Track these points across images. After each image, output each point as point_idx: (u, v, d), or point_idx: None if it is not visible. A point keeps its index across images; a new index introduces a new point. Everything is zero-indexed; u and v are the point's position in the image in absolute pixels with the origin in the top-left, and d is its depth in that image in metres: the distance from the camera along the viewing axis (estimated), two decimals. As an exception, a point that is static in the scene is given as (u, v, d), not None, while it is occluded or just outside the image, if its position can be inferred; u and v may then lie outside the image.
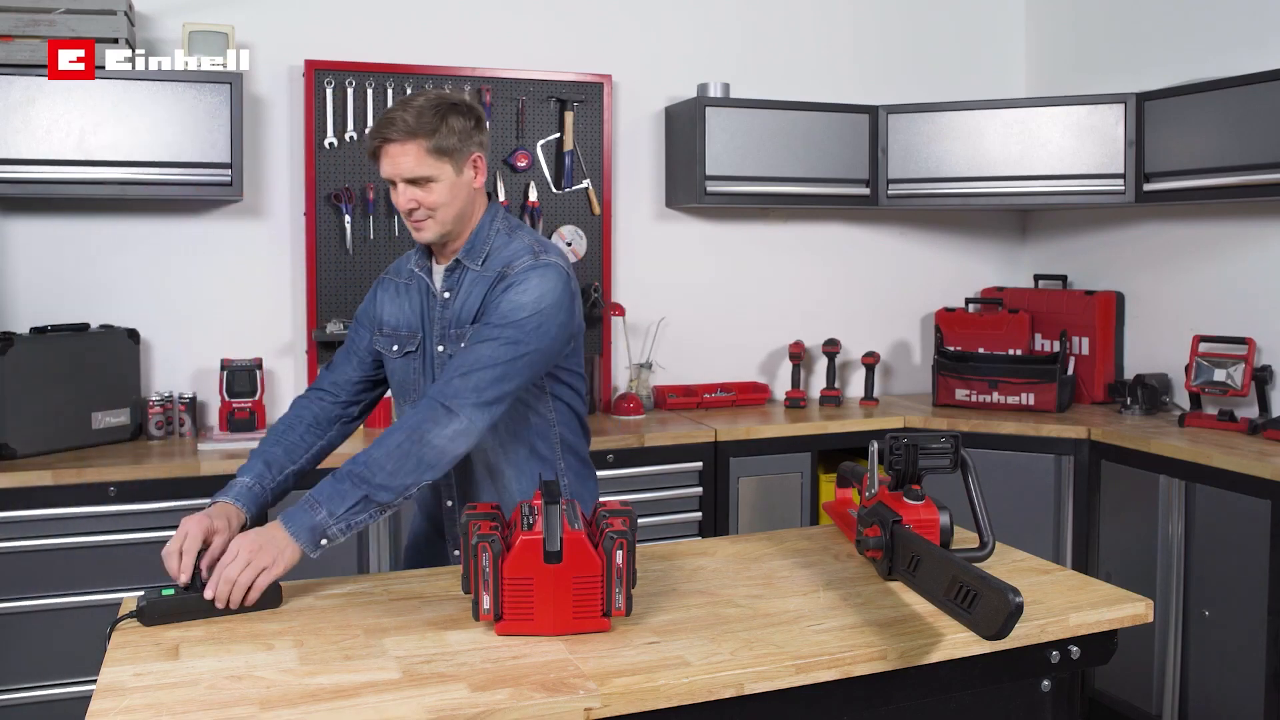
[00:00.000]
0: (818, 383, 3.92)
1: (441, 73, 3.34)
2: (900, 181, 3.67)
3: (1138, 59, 3.66)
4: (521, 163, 3.43)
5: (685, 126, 3.56)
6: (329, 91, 3.24)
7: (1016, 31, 4.17)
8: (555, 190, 3.50)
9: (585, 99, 3.50)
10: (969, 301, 3.93)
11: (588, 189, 3.53)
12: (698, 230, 3.81)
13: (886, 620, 1.55)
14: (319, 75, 3.23)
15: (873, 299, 4.04)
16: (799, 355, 3.78)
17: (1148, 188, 3.37)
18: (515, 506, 1.63)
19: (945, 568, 1.50)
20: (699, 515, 3.26)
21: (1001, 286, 4.08)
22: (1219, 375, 3.21)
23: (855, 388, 3.95)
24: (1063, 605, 1.62)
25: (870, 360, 3.80)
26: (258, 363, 3.17)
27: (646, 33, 3.70)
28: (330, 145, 3.25)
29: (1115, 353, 3.74)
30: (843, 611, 1.59)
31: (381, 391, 2.03)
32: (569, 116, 3.47)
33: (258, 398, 3.14)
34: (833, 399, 3.77)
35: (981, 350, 3.71)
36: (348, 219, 3.27)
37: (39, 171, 2.83)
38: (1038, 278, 4.03)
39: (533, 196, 3.45)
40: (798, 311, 3.94)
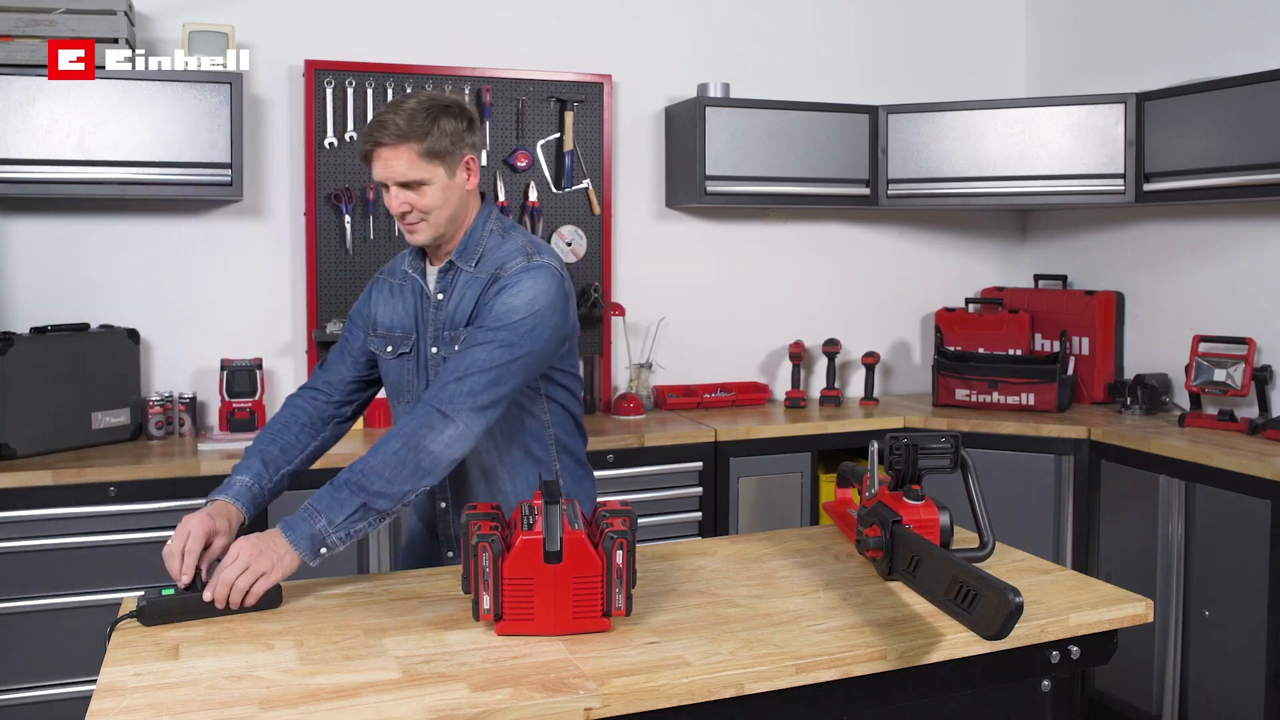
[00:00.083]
0: (818, 383, 3.92)
1: (441, 73, 3.34)
2: (900, 181, 3.67)
3: (1138, 59, 3.66)
4: (521, 163, 3.43)
5: (685, 126, 3.56)
6: (329, 91, 3.24)
7: (1016, 31, 4.17)
8: (555, 190, 3.50)
9: (585, 99, 3.50)
10: (969, 301, 3.93)
11: (588, 189, 3.53)
12: (698, 230, 3.81)
13: (886, 620, 1.55)
14: (319, 75, 3.23)
15: (873, 299, 4.04)
16: (799, 355, 3.78)
17: (1148, 188, 3.37)
18: (513, 507, 1.62)
19: (945, 568, 1.50)
20: (699, 515, 3.26)
21: (1001, 286, 4.08)
22: (1219, 375, 3.21)
23: (855, 388, 3.95)
24: (1063, 605, 1.62)
25: (870, 360, 3.80)
26: (258, 363, 3.18)
27: (646, 33, 3.70)
28: (330, 145, 3.25)
29: (1115, 353, 3.74)
30: (843, 611, 1.59)
31: (374, 391, 2.02)
32: (569, 116, 3.47)
33: (258, 398, 3.14)
34: (833, 399, 3.77)
35: (981, 350, 3.71)
36: (348, 219, 3.27)
37: (39, 171, 2.83)
38: (1038, 278, 4.03)
39: (533, 196, 3.45)
40: (798, 311, 3.94)
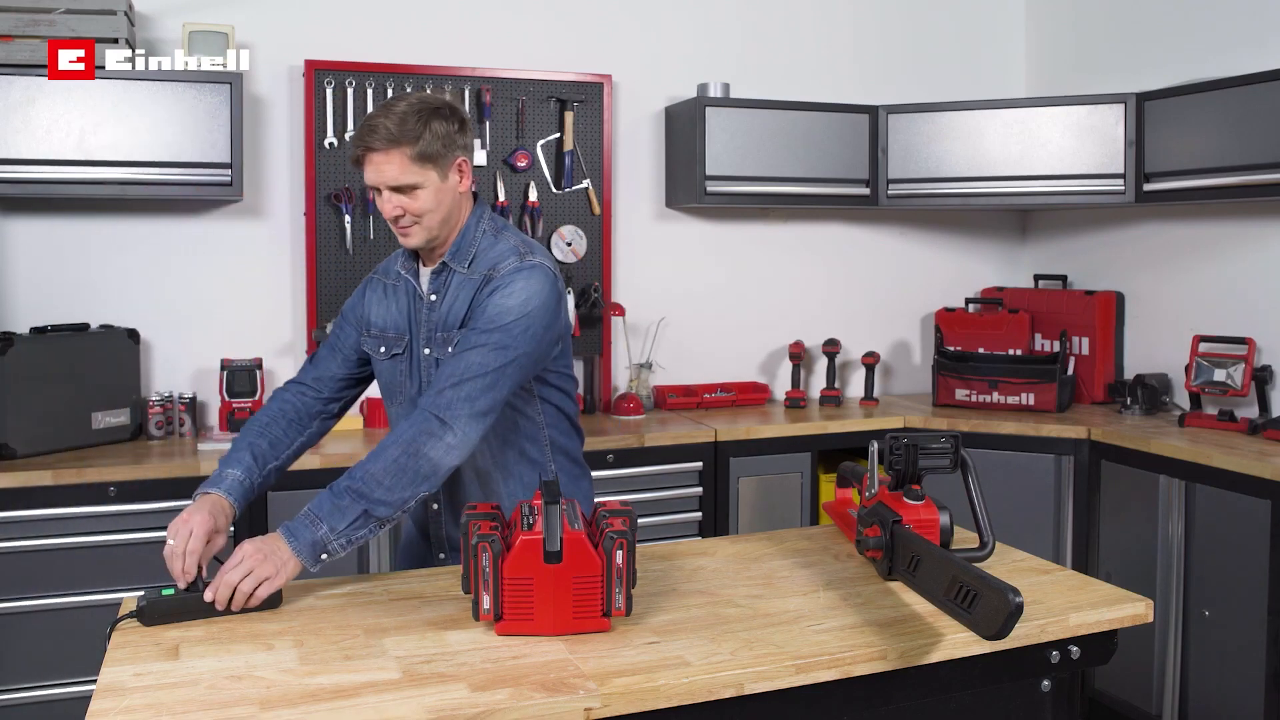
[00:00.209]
0: (818, 383, 3.92)
1: (441, 73, 3.34)
2: (900, 181, 3.67)
3: (1138, 59, 3.66)
4: (521, 163, 3.43)
5: (685, 126, 3.56)
6: (329, 91, 3.24)
7: (1016, 31, 4.17)
8: (555, 190, 3.49)
9: (585, 99, 3.50)
10: (969, 301, 3.93)
11: (588, 189, 3.53)
12: (698, 230, 3.81)
13: (886, 620, 1.55)
14: (319, 75, 3.23)
15: (873, 299, 4.04)
16: (799, 355, 3.78)
17: (1148, 188, 3.37)
18: (513, 507, 1.62)
19: (945, 568, 1.50)
20: (699, 515, 3.26)
21: (1001, 286, 4.08)
22: (1219, 375, 3.21)
23: (855, 388, 3.95)
24: (1063, 605, 1.62)
25: (870, 360, 3.80)
26: (258, 363, 3.18)
27: (646, 33, 3.70)
28: (330, 145, 3.25)
29: (1115, 353, 3.74)
30: (843, 611, 1.59)
31: (363, 389, 2.02)
32: (569, 116, 3.47)
33: (258, 398, 3.14)
34: (833, 399, 3.77)
35: (981, 350, 3.70)
36: (348, 219, 3.27)
37: (39, 171, 2.83)
38: (1038, 278, 4.03)
39: (533, 196, 3.45)
40: (798, 311, 3.94)
